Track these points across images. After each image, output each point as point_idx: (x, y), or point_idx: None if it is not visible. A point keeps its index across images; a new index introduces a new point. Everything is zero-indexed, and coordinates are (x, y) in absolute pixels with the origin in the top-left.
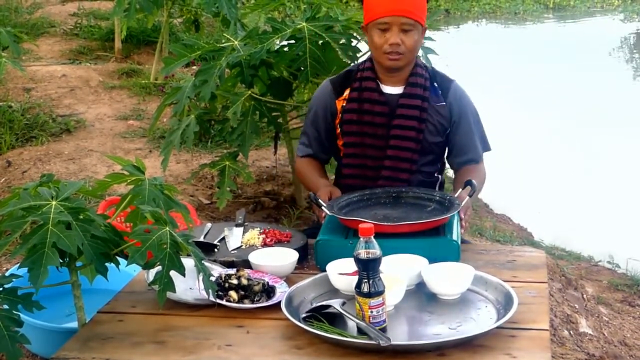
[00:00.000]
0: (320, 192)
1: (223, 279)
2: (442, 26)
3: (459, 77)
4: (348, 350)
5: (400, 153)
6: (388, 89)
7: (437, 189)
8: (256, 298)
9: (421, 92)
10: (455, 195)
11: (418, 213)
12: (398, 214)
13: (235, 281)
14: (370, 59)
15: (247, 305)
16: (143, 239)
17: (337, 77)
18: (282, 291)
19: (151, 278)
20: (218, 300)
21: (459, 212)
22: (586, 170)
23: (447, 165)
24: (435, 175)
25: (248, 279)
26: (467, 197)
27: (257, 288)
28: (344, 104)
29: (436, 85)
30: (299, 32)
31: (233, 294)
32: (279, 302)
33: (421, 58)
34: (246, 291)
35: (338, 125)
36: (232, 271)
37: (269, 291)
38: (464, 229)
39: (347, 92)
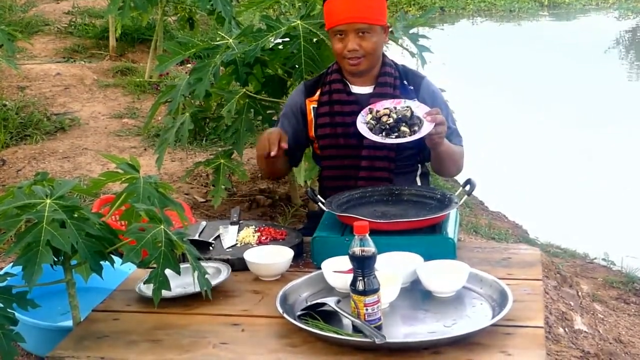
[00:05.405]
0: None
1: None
2: (437, 24)
3: (455, 74)
4: (343, 348)
5: (375, 152)
6: (357, 89)
7: (418, 180)
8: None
9: (391, 91)
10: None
11: (417, 211)
12: (397, 212)
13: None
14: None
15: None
16: (138, 237)
17: (311, 80)
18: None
19: (143, 287)
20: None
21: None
22: (582, 167)
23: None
24: (415, 165)
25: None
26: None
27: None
28: (315, 106)
29: (406, 83)
30: (294, 30)
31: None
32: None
33: (415, 56)
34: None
35: (313, 131)
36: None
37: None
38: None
39: (317, 94)
